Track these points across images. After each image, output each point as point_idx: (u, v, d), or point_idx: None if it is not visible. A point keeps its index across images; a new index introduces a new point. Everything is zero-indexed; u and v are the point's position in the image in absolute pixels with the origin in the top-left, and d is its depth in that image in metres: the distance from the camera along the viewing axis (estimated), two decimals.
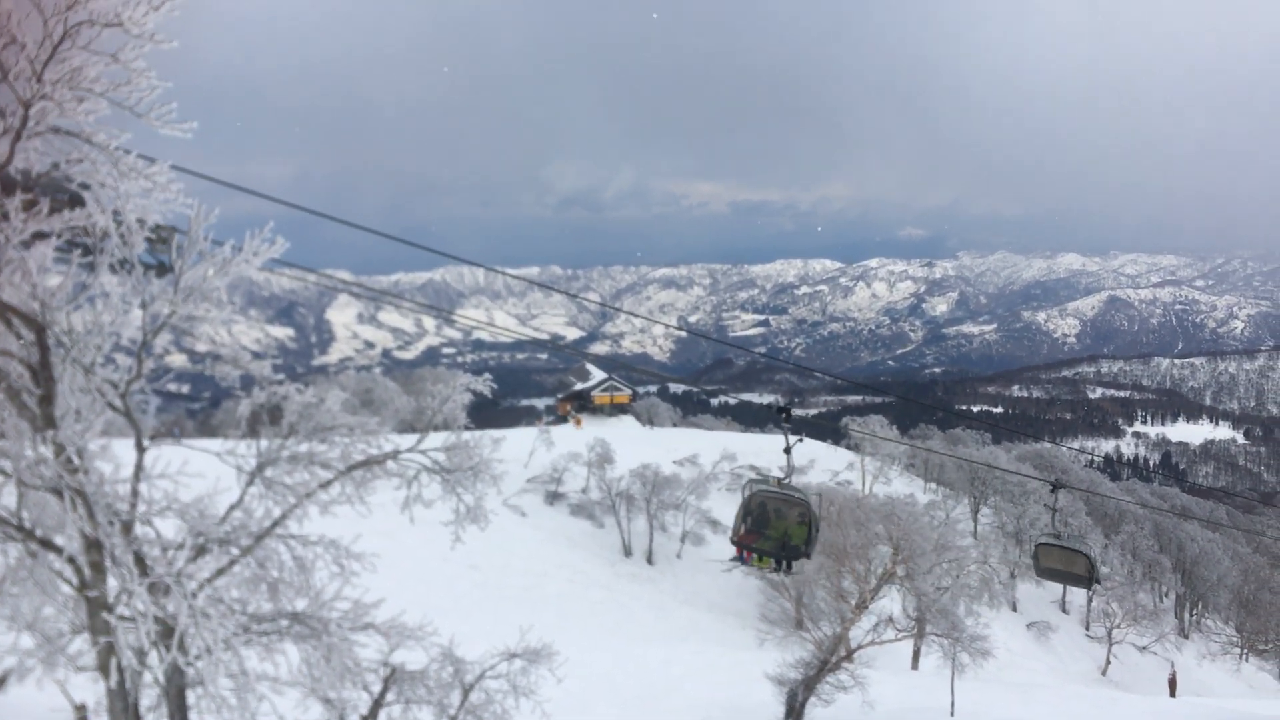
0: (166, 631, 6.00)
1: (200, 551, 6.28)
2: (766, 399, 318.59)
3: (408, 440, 7.15)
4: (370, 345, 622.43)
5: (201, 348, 6.42)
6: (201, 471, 6.41)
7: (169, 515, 6.20)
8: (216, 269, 5.99)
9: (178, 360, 6.43)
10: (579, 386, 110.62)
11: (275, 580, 6.58)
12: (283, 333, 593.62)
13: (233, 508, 6.52)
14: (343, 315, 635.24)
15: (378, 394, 67.34)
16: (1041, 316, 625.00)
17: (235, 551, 6.42)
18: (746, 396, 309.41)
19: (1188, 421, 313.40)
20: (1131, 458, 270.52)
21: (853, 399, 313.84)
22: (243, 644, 6.38)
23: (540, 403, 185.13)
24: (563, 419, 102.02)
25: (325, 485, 6.64)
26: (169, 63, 5.28)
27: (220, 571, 6.39)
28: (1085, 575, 17.28)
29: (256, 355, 6.50)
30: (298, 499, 6.55)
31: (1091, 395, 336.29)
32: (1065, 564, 17.44)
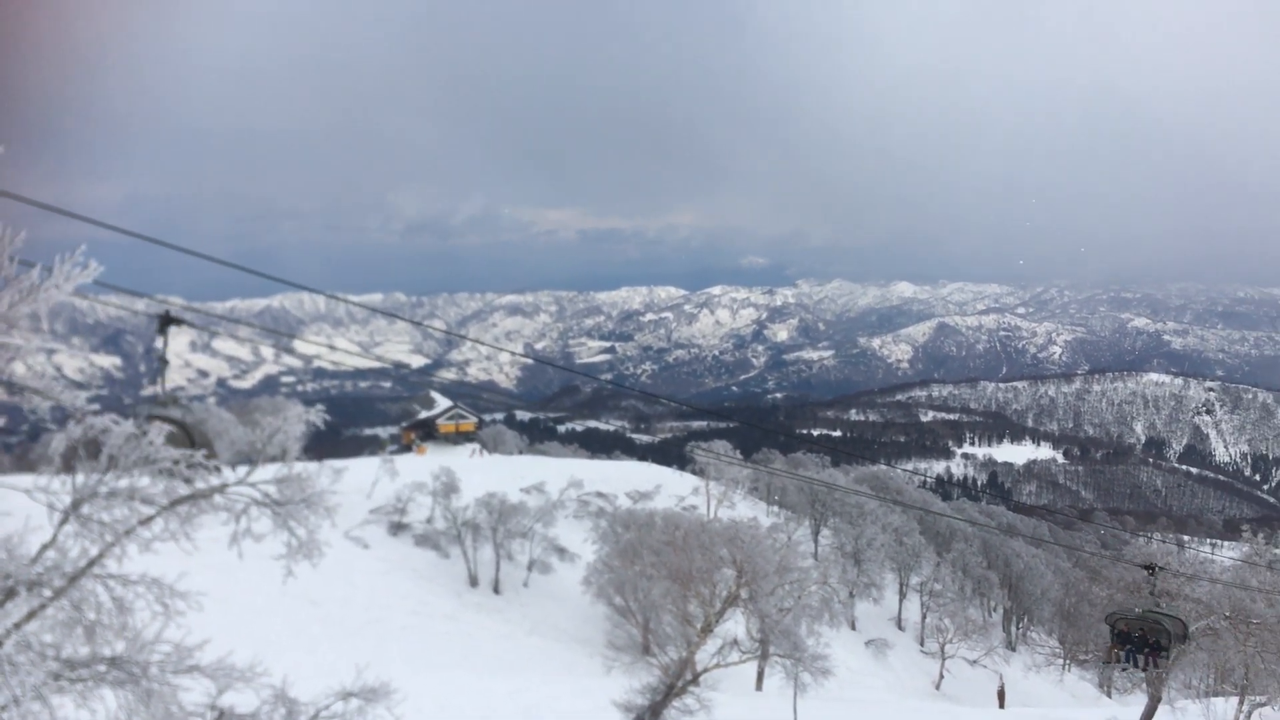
0: None
1: (9, 595, 5.92)
2: (613, 425, 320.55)
3: (241, 473, 6.91)
4: (204, 374, 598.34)
5: (15, 378, 6.07)
6: (10, 510, 6.06)
7: None
8: (22, 294, 5.68)
9: None
10: (424, 414, 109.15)
11: (92, 623, 6.25)
12: (109, 361, 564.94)
13: (45, 547, 6.17)
14: (175, 343, 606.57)
15: (211, 425, 64.69)
16: (877, 342, 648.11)
17: (48, 593, 6.07)
18: (593, 423, 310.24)
19: (1012, 442, 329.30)
20: (961, 478, 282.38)
21: (698, 424, 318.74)
22: (55, 692, 6.03)
23: (384, 431, 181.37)
24: (407, 448, 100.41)
25: (147, 521, 6.35)
26: None
27: (31, 615, 6.03)
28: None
29: (78, 385, 6.19)
30: (116, 536, 6.25)
31: (923, 418, 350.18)
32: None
